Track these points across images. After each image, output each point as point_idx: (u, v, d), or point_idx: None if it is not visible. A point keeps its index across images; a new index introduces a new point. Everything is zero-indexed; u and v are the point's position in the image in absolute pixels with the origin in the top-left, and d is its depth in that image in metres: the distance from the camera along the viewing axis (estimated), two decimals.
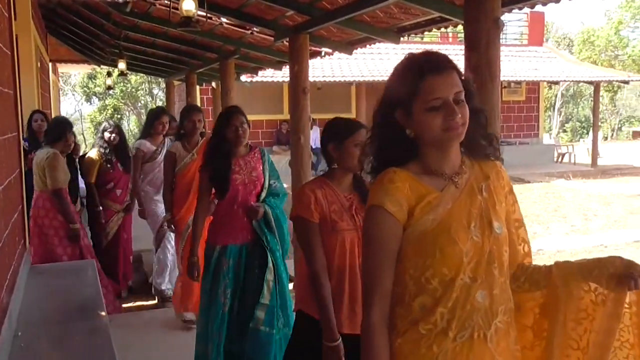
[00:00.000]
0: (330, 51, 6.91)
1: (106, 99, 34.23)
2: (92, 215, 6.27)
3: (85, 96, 35.90)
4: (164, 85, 19.64)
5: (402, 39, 5.79)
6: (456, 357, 1.71)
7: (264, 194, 3.96)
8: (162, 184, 5.43)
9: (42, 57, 11.30)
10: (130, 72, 15.94)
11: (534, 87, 21.76)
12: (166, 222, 5.34)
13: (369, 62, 18.45)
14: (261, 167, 4.00)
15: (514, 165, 17.15)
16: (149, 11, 7.19)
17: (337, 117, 2.89)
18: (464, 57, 3.22)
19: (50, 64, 14.41)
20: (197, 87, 12.06)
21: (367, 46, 6.74)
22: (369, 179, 1.92)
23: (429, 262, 1.71)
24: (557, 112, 35.86)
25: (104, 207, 6.18)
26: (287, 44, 5.84)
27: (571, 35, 42.72)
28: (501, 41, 3.22)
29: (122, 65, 10.48)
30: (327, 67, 17.08)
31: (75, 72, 33.03)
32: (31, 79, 8.54)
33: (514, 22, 22.39)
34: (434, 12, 4.61)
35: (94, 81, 33.65)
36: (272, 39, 6.33)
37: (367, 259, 1.80)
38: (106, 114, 33.16)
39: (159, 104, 31.96)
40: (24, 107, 5.69)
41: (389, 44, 6.51)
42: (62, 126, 5.28)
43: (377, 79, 17.69)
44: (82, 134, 32.15)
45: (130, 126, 35.98)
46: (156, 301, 6.03)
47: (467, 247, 1.71)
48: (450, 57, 1.77)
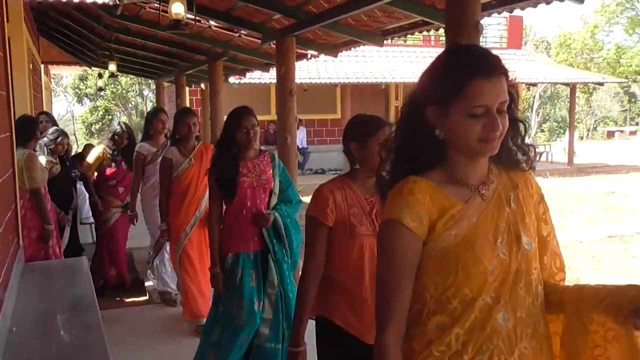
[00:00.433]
0: (316, 54, 6.92)
1: (97, 100, 33.98)
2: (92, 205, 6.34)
3: (76, 97, 35.60)
4: (154, 86, 19.52)
5: (385, 41, 5.82)
6: None
7: (274, 201, 3.70)
8: None
9: (34, 59, 11.20)
10: (120, 74, 15.82)
11: None
12: (162, 233, 4.98)
13: (353, 65, 18.46)
14: (271, 171, 3.72)
15: None
16: (139, 14, 7.15)
17: (360, 115, 2.68)
18: None
19: (42, 66, 14.27)
20: (187, 88, 12.04)
21: (352, 49, 6.76)
22: (388, 182, 1.71)
23: (450, 280, 1.52)
24: (535, 112, 36.08)
25: (105, 201, 6.13)
26: (274, 46, 5.83)
27: (549, 38, 43.04)
28: (481, 44, 3.24)
29: (112, 67, 10.43)
30: (313, 69, 17.07)
31: (66, 74, 32.77)
32: (23, 80, 8.46)
33: (493, 25, 22.51)
34: (417, 16, 4.64)
35: (85, 83, 33.39)
36: (260, 41, 6.33)
37: (383, 274, 1.60)
38: (97, 115, 32.97)
39: (150, 105, 31.86)
40: (17, 108, 5.63)
41: (373, 47, 6.53)
42: (28, 125, 5.04)
43: (361, 80, 17.76)
44: (74, 135, 31.89)
45: None
46: (147, 297, 5.93)
47: (492, 265, 1.52)
48: (431, 59, 1.62)
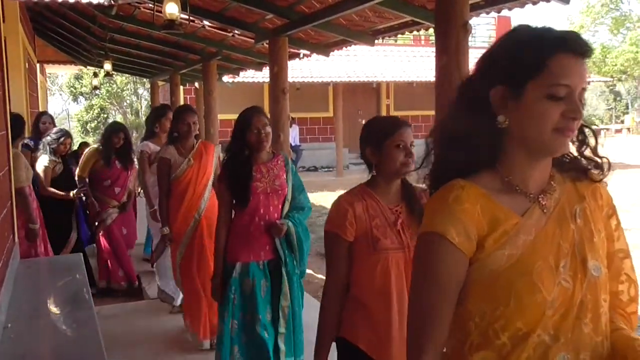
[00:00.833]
0: (308, 53, 6.92)
1: (92, 98, 33.78)
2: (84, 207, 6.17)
3: (72, 96, 35.40)
4: (148, 85, 19.46)
5: (376, 41, 5.82)
6: None
7: (287, 207, 3.44)
8: None
9: (29, 58, 11.14)
10: (115, 73, 15.80)
11: None
12: (164, 237, 4.58)
13: (345, 64, 18.45)
14: (285, 176, 3.45)
15: None
16: (133, 14, 7.13)
17: (376, 117, 2.49)
18: (435, 58, 3.24)
19: (37, 65, 14.20)
20: (181, 87, 12.00)
21: (344, 48, 6.75)
22: (425, 183, 1.44)
23: (500, 311, 1.23)
24: None
25: (100, 201, 5.99)
26: (267, 46, 5.82)
27: None
28: (470, 44, 3.24)
29: (107, 66, 10.39)
30: (305, 68, 17.05)
31: (62, 73, 32.61)
32: (19, 79, 8.43)
33: (482, 25, 22.52)
34: (407, 16, 4.64)
35: (80, 81, 33.19)
36: (253, 41, 6.31)
37: (420, 296, 1.31)
38: (93, 114, 32.78)
39: (145, 104, 31.74)
40: (13, 107, 5.61)
41: (364, 46, 6.53)
42: (15, 123, 4.81)
43: (353, 79, 17.78)
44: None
45: None
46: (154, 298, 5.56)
47: (552, 295, 1.22)
48: (421, 58, 1.40)
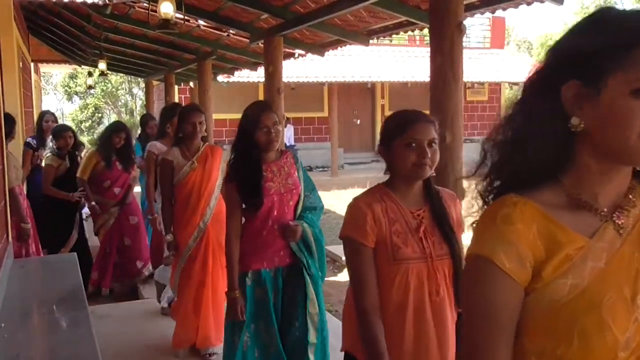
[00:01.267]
0: (303, 53, 6.92)
1: (87, 98, 33.69)
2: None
3: (66, 95, 35.29)
4: (143, 85, 19.42)
5: (371, 41, 5.82)
6: None
7: (300, 207, 3.18)
8: None
9: (24, 57, 11.09)
10: (110, 72, 15.75)
11: (496, 88, 22.00)
12: (169, 245, 4.33)
13: (340, 64, 18.43)
14: (296, 173, 3.20)
15: None
16: (128, 13, 7.11)
17: (398, 111, 2.18)
18: (429, 58, 3.25)
19: (32, 64, 14.14)
20: (176, 86, 12.00)
21: (339, 48, 6.75)
22: (476, 196, 1.21)
23: (561, 350, 1.03)
24: None
25: (100, 204, 5.90)
26: (262, 45, 5.82)
27: (530, 39, 43.29)
28: (464, 44, 3.25)
29: (102, 65, 10.38)
30: (300, 68, 17.02)
31: (56, 72, 32.49)
32: (13, 78, 8.38)
33: (476, 26, 22.56)
34: (401, 16, 4.64)
35: (75, 81, 33.08)
36: (248, 41, 6.31)
37: (472, 330, 1.10)
38: (87, 113, 32.69)
39: (139, 104, 31.67)
40: (7, 106, 5.58)
41: (359, 46, 6.53)
42: (5, 122, 4.87)
43: (348, 79, 17.79)
44: None
45: None
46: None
47: (627, 334, 1.00)
48: (415, 58, 1.28)
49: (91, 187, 5.86)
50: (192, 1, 5.68)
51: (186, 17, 5.73)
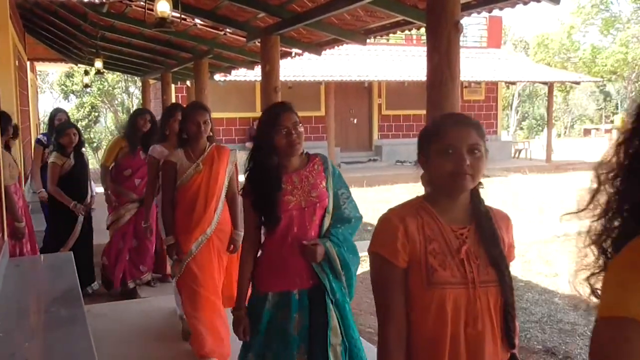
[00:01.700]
0: (300, 52, 6.91)
1: (84, 96, 33.65)
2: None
3: (63, 94, 35.24)
4: (140, 83, 19.39)
5: (368, 40, 5.82)
6: None
7: (327, 221, 2.77)
8: None
9: (20, 56, 11.07)
10: (107, 71, 15.71)
11: (492, 87, 22.02)
12: (169, 249, 4.04)
13: (337, 63, 18.44)
14: (324, 183, 2.79)
15: None
16: (125, 12, 7.10)
17: (445, 113, 1.90)
18: (426, 58, 3.25)
19: (28, 63, 14.12)
20: (172, 85, 11.98)
21: (336, 47, 6.75)
22: (590, 237, 0.99)
23: None
24: (514, 110, 36.35)
25: (119, 193, 5.72)
26: (259, 44, 5.81)
27: (527, 38, 43.36)
28: (461, 43, 3.25)
29: (99, 64, 10.34)
30: (297, 67, 17.02)
31: (53, 71, 32.44)
32: (9, 77, 8.38)
33: (473, 25, 22.58)
34: (399, 15, 4.64)
35: (71, 79, 33.05)
36: (245, 39, 6.30)
37: None
38: (84, 112, 32.66)
39: (136, 102, 31.63)
40: (3, 105, 5.57)
41: (356, 46, 6.53)
42: (2, 120, 4.67)
43: (345, 78, 17.78)
44: None
45: (107, 123, 35.54)
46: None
47: None
48: (412, 57, 1.20)
49: (111, 175, 5.73)
50: (188, 0, 5.67)
51: (183, 16, 5.72)
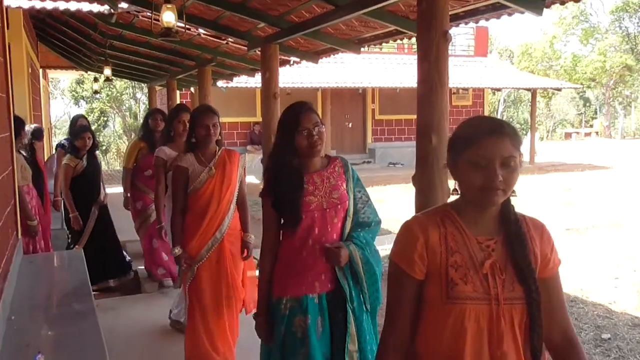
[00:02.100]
0: (298, 60, 6.90)
1: (93, 102, 33.60)
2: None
3: (73, 100, 35.19)
4: (146, 90, 19.35)
5: (362, 49, 5.82)
6: None
7: (349, 225, 2.58)
8: None
9: (33, 64, 11.05)
10: (115, 78, 15.68)
11: (479, 93, 22.05)
12: (177, 259, 3.72)
13: (333, 70, 18.45)
14: (344, 185, 2.60)
15: None
16: (132, 22, 7.09)
17: (471, 118, 1.67)
18: (417, 65, 3.25)
19: (40, 70, 14.10)
20: (177, 92, 11.97)
21: (331, 56, 6.75)
22: None
23: None
24: (500, 115, 36.41)
25: (141, 193, 5.55)
26: (259, 53, 5.81)
27: (512, 47, 43.43)
28: (450, 52, 3.25)
29: (107, 71, 10.32)
30: (295, 74, 17.01)
31: (64, 78, 32.36)
32: (23, 83, 8.38)
33: (461, 35, 22.61)
34: (391, 25, 4.64)
35: (81, 86, 33.00)
36: (246, 48, 6.30)
37: None
38: (93, 117, 32.58)
39: (143, 107, 31.59)
40: (16, 110, 5.56)
41: (350, 54, 6.53)
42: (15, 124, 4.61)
43: (340, 85, 17.79)
44: None
45: (115, 127, 35.51)
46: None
47: None
48: (404, 65, 1.18)
49: (133, 177, 5.65)
50: (193, 11, 5.67)
51: (187, 26, 5.71)
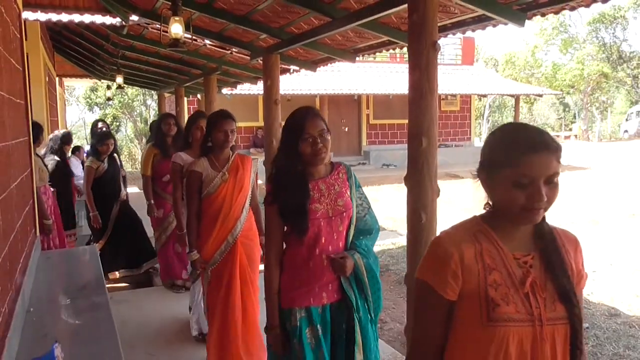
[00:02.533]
0: (297, 68, 6.90)
1: (106, 108, 33.59)
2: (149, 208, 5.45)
3: (87, 106, 35.21)
4: (156, 96, 19.33)
5: (357, 58, 5.82)
6: None
7: (352, 233, 2.40)
8: None
9: (49, 72, 11.04)
10: (126, 86, 15.67)
11: (466, 99, 22.07)
12: (193, 264, 3.58)
13: (330, 78, 18.47)
14: (348, 192, 2.41)
15: (451, 164, 17.42)
16: (142, 34, 7.08)
17: (509, 125, 1.40)
18: (408, 73, 3.25)
19: (57, 78, 14.08)
20: (185, 98, 11.95)
21: (329, 64, 6.74)
22: None
23: None
24: (486, 119, 36.42)
25: (161, 199, 5.26)
26: (261, 62, 5.81)
27: (496, 56, 43.49)
28: (439, 61, 3.25)
29: (119, 79, 10.31)
30: (295, 81, 17.02)
31: (79, 85, 32.36)
32: (40, 91, 8.37)
33: (450, 45, 22.63)
34: (384, 36, 4.64)
35: (95, 93, 33.00)
36: (249, 58, 6.29)
37: None
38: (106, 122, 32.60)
39: (153, 113, 31.55)
40: (34, 115, 5.56)
41: (346, 63, 6.53)
42: (32, 129, 4.81)
43: (337, 92, 17.79)
44: (86, 139, 31.53)
45: (127, 132, 35.49)
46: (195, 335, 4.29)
47: None
48: (397, 73, 1.07)
49: (153, 184, 5.36)
50: (199, 23, 5.67)
51: (194, 37, 5.71)
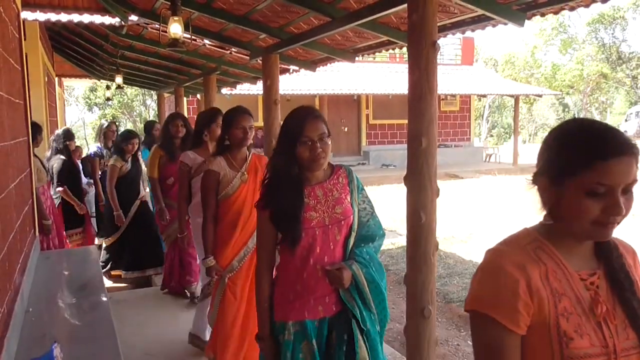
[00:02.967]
0: (297, 68, 6.90)
1: (106, 108, 33.59)
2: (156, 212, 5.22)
3: (87, 106, 35.19)
4: (155, 96, 19.33)
5: (357, 58, 5.82)
6: None
7: (351, 242, 2.20)
8: None
9: (49, 72, 11.04)
10: (126, 86, 15.66)
11: (466, 99, 22.08)
12: (209, 270, 3.25)
13: (329, 78, 18.47)
14: (348, 198, 2.21)
15: (450, 164, 17.47)
16: (142, 34, 7.08)
17: (581, 122, 1.19)
18: (408, 73, 3.25)
19: (56, 79, 14.08)
20: (184, 98, 11.96)
21: (328, 64, 6.74)
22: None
23: None
24: (485, 120, 36.42)
25: (166, 205, 5.03)
26: (261, 62, 5.80)
27: (496, 56, 43.50)
28: (439, 61, 3.25)
29: (119, 79, 10.31)
30: (294, 82, 17.03)
31: (78, 85, 32.33)
32: (39, 91, 8.37)
33: (449, 45, 22.63)
34: (383, 36, 4.64)
35: (94, 93, 32.99)
36: (248, 58, 6.29)
37: None
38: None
39: (152, 113, 31.55)
40: (33, 116, 5.56)
41: (346, 63, 6.54)
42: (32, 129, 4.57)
43: (336, 92, 17.80)
44: (85, 139, 31.53)
45: None
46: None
47: None
48: (396, 73, 1.05)
49: (161, 187, 5.12)
50: (198, 23, 5.66)
51: (193, 37, 5.70)
